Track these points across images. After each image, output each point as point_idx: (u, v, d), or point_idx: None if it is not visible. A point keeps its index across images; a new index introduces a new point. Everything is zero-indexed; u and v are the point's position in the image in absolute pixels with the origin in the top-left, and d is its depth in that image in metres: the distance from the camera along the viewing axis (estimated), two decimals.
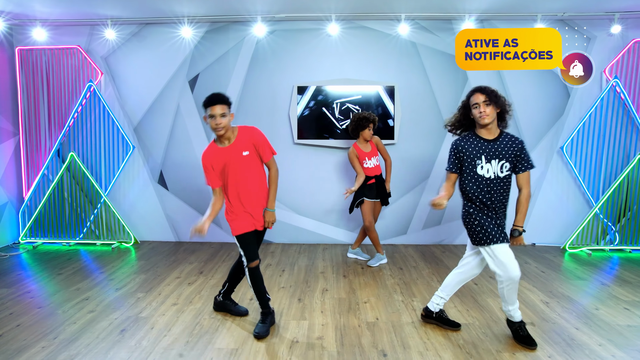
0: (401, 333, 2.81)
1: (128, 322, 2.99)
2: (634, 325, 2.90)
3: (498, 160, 2.55)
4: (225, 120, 2.67)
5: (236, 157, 2.73)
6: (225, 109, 2.68)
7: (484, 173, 2.56)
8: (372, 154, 4.27)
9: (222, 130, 2.68)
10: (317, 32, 5.01)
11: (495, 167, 2.55)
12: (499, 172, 2.55)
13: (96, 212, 5.21)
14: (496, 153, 2.55)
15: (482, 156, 2.56)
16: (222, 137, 2.74)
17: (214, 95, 2.68)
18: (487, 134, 2.59)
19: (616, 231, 4.93)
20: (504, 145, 2.56)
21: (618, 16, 4.65)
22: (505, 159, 2.55)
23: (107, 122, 5.22)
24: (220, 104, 2.66)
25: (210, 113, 2.65)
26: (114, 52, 5.17)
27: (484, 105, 2.51)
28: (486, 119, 2.52)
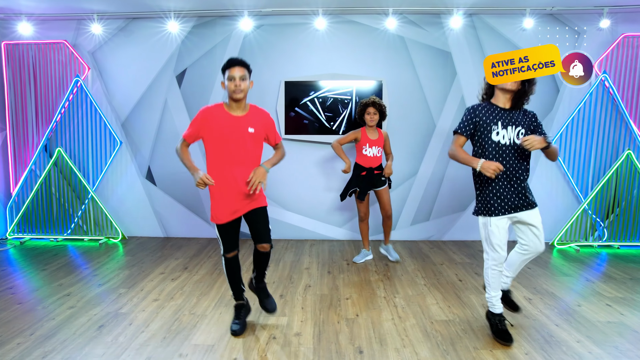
0: (380, 329, 2.80)
1: (107, 318, 2.98)
2: (614, 322, 2.89)
3: (514, 126, 2.55)
4: (245, 84, 2.52)
5: (240, 130, 2.57)
6: (245, 73, 2.54)
7: (499, 139, 2.54)
8: (376, 144, 4.13)
9: (241, 94, 2.51)
10: (304, 26, 4.97)
11: (511, 134, 2.54)
12: (515, 138, 2.54)
13: (84, 208, 5.19)
14: (512, 120, 2.55)
15: (499, 122, 2.54)
16: (238, 103, 2.57)
17: (233, 57, 2.57)
18: (504, 103, 2.59)
19: (605, 227, 4.91)
20: (519, 113, 2.59)
21: (607, 10, 4.61)
22: (522, 126, 2.55)
23: (95, 118, 5.18)
24: (241, 66, 2.53)
25: (230, 74, 2.50)
26: (101, 47, 5.13)
27: None
28: (513, 85, 2.51)
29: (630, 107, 4.87)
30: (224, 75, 2.55)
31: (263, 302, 2.86)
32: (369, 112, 4.08)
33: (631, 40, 4.80)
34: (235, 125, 2.57)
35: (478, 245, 4.95)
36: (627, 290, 3.51)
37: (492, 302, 2.67)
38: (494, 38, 4.92)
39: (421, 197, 5.13)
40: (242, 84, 2.51)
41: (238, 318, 2.80)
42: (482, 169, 2.45)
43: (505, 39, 4.91)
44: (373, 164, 4.15)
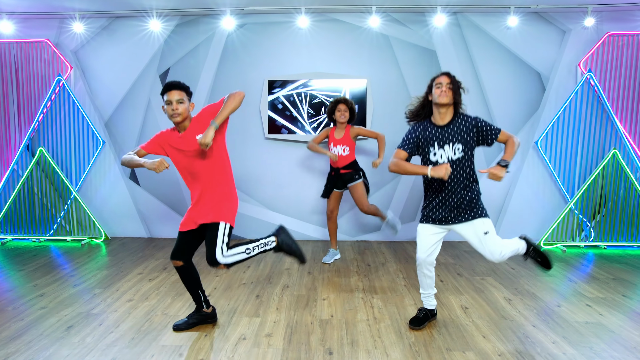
0: (353, 331, 2.75)
1: (78, 318, 2.92)
2: (592, 322, 2.84)
3: (452, 144, 2.59)
4: (183, 107, 2.50)
5: (189, 144, 2.56)
6: (183, 96, 2.51)
7: (437, 159, 2.61)
8: (341, 142, 4.08)
9: (179, 117, 2.50)
10: (287, 25, 4.93)
11: (448, 152, 2.60)
12: (452, 155, 2.59)
13: (66, 208, 5.14)
14: (449, 137, 2.59)
15: (435, 142, 2.61)
16: (179, 125, 2.58)
17: (170, 81, 2.55)
18: (441, 119, 2.62)
19: (591, 227, 4.87)
20: (456, 128, 2.60)
21: (591, 9, 4.58)
22: (459, 141, 2.59)
23: (77, 117, 5.13)
24: (177, 90, 2.51)
25: (167, 99, 2.50)
26: (83, 46, 5.09)
27: (446, 87, 2.57)
28: (445, 98, 2.55)
29: (615, 106, 4.84)
30: (163, 99, 2.54)
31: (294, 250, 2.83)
32: (340, 109, 4.06)
33: (616, 39, 4.77)
34: (184, 142, 2.58)
35: (463, 246, 4.91)
36: (608, 290, 3.46)
37: (421, 298, 2.84)
38: (479, 36, 4.89)
39: (407, 197, 5.09)
40: (179, 107, 2.50)
41: (188, 317, 2.80)
42: (432, 174, 2.47)
43: (490, 37, 4.88)
44: (340, 164, 4.09)
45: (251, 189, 5.15)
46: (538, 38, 4.85)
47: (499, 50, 4.88)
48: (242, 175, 5.14)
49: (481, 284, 3.62)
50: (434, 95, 2.60)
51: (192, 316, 2.82)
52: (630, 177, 4.68)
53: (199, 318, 2.82)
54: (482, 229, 2.59)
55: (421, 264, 2.71)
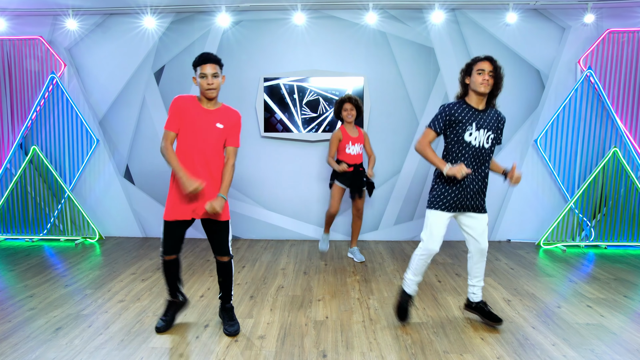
0: (348, 332, 2.68)
1: (67, 320, 2.86)
2: (593, 324, 2.78)
3: (486, 130, 2.56)
4: (217, 81, 2.45)
5: (209, 123, 2.50)
6: (218, 69, 2.45)
7: (471, 140, 2.55)
8: (357, 141, 4.04)
9: (214, 92, 2.45)
10: (283, 22, 4.87)
11: (482, 137, 2.55)
12: (485, 142, 2.56)
13: (60, 208, 5.07)
14: (485, 122, 2.56)
15: (474, 123, 2.55)
16: (211, 100, 2.49)
17: (205, 53, 2.46)
18: (477, 104, 2.58)
19: (592, 227, 4.80)
20: (492, 116, 2.60)
21: (591, 5, 4.51)
22: (492, 131, 2.58)
23: (71, 115, 5.07)
24: (213, 63, 2.44)
25: (202, 72, 2.42)
26: (77, 44, 5.02)
27: (488, 75, 2.51)
28: (485, 88, 2.51)
29: (615, 104, 4.78)
30: (196, 72, 2.47)
31: (225, 325, 2.70)
32: (346, 108, 3.98)
33: (616, 35, 4.71)
34: (205, 118, 2.51)
35: (462, 245, 4.84)
36: (609, 291, 3.40)
37: (407, 283, 2.76)
38: (478, 33, 4.82)
39: (404, 196, 5.02)
40: (214, 81, 2.45)
41: (165, 315, 2.74)
42: (448, 172, 2.48)
43: (488, 34, 4.82)
44: (357, 161, 4.05)
45: (247, 188, 5.09)
46: (537, 35, 4.78)
47: (498, 48, 4.81)
48: (238, 174, 5.07)
49: None
50: (473, 81, 2.53)
51: (167, 312, 2.75)
52: (631, 175, 4.62)
53: (175, 310, 2.78)
54: (486, 221, 2.68)
55: (431, 254, 2.63)
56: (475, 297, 2.78)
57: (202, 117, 2.50)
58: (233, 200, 5.11)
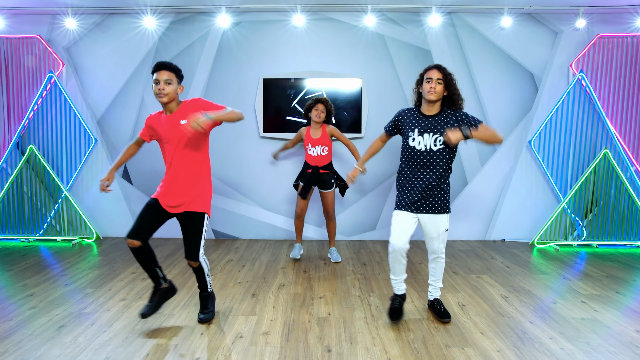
0: (351, 328, 2.73)
1: (69, 318, 2.86)
2: (588, 318, 2.86)
3: (432, 133, 2.63)
4: (170, 88, 2.52)
5: (173, 125, 2.58)
6: (172, 77, 2.54)
7: (415, 145, 2.67)
8: (319, 142, 4.06)
9: (165, 98, 2.52)
10: (282, 23, 4.92)
11: (427, 140, 2.63)
12: (432, 145, 2.64)
13: (57, 208, 5.04)
14: (430, 127, 2.64)
15: (416, 129, 2.67)
16: (166, 106, 2.58)
17: (161, 61, 2.59)
18: (428, 111, 2.67)
19: (584, 226, 4.91)
20: (441, 119, 2.64)
21: (583, 10, 4.64)
22: (440, 133, 2.62)
23: (69, 115, 5.06)
24: (167, 70, 2.53)
25: (155, 78, 2.53)
26: (76, 43, 5.02)
27: (435, 82, 2.57)
28: (432, 96, 2.59)
29: (606, 107, 4.90)
30: (153, 78, 2.58)
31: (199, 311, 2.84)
32: (318, 108, 4.05)
33: (606, 40, 4.84)
34: (169, 123, 2.61)
35: (459, 245, 4.92)
36: (602, 287, 3.49)
37: (392, 284, 2.87)
38: (473, 36, 4.92)
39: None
40: (166, 87, 2.52)
41: (150, 300, 2.77)
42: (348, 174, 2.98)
43: (484, 38, 4.92)
44: (319, 163, 4.10)
45: (245, 188, 5.12)
46: (531, 39, 4.90)
47: (493, 51, 4.92)
48: (236, 174, 5.10)
49: (477, 282, 3.62)
50: (423, 89, 2.64)
51: (153, 297, 2.77)
52: (621, 176, 4.74)
53: (160, 297, 2.79)
54: (444, 225, 2.71)
55: (395, 250, 2.70)
56: (431, 295, 2.92)
57: (167, 123, 2.61)
58: (231, 200, 5.14)
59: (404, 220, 2.69)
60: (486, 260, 4.30)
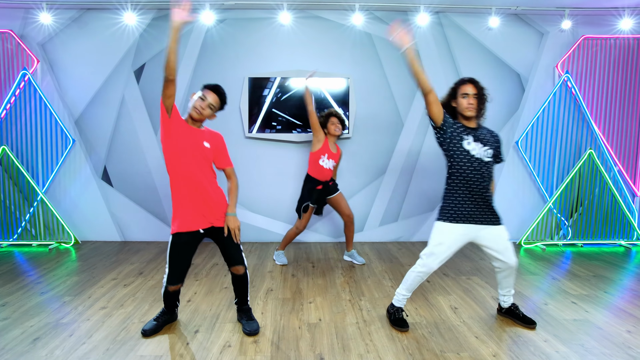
0: (343, 335, 2.65)
1: (45, 329, 2.70)
2: (580, 320, 2.85)
3: (483, 144, 2.56)
4: (208, 112, 2.53)
5: (197, 143, 2.53)
6: (217, 105, 2.56)
7: (470, 149, 2.53)
8: (333, 157, 4.02)
9: (198, 116, 2.51)
10: (268, 21, 4.81)
11: (480, 150, 2.54)
12: (485, 156, 2.55)
13: (32, 211, 4.82)
14: (482, 137, 2.56)
15: (470, 135, 2.55)
16: (195, 122, 2.56)
17: (217, 85, 2.58)
18: (468, 124, 2.61)
19: (569, 226, 4.95)
20: (486, 133, 2.61)
21: (568, 12, 4.67)
22: (490, 146, 2.58)
23: (45, 114, 4.84)
24: (218, 97, 2.55)
25: (205, 95, 2.51)
26: (51, 39, 4.81)
27: (472, 98, 2.51)
28: (471, 112, 2.52)
29: (591, 108, 4.96)
30: (202, 91, 2.54)
31: (244, 325, 2.72)
32: (333, 122, 3.99)
33: (591, 42, 4.89)
34: (192, 136, 2.54)
35: None
36: (591, 287, 3.50)
37: (399, 298, 2.76)
38: (461, 37, 4.90)
39: (389, 197, 5.04)
40: (207, 110, 2.51)
41: (157, 319, 2.70)
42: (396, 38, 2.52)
43: (471, 38, 4.91)
44: (327, 177, 4.02)
45: None
46: (517, 39, 4.91)
47: (480, 51, 4.91)
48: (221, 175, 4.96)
49: (467, 284, 3.59)
50: (459, 104, 2.55)
51: (159, 318, 2.72)
52: (605, 176, 4.79)
53: (166, 320, 2.75)
54: (506, 235, 2.62)
55: (428, 272, 2.60)
56: (506, 303, 2.83)
57: (188, 132, 2.52)
58: None
59: (454, 239, 2.54)
60: (475, 261, 4.28)
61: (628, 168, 5.03)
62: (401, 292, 2.74)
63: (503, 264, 2.64)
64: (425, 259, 2.59)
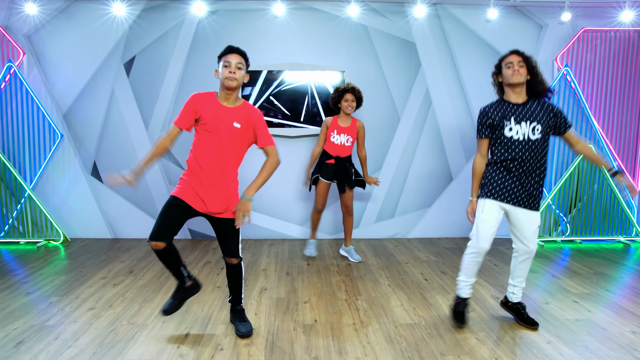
0: (339, 337, 2.56)
1: (29, 332, 2.59)
2: (582, 320, 2.78)
3: (529, 122, 2.47)
4: (240, 73, 2.34)
5: (226, 122, 2.37)
6: (243, 62, 2.38)
7: (512, 134, 2.48)
8: (346, 131, 3.84)
9: (234, 82, 2.32)
10: (262, 12, 4.68)
11: (525, 129, 2.46)
12: (530, 134, 2.46)
13: (20, 208, 4.69)
14: (527, 114, 2.48)
15: (512, 117, 2.48)
16: (230, 92, 2.37)
17: (232, 45, 2.42)
18: (516, 98, 2.50)
19: (567, 222, 4.89)
20: (534, 108, 2.50)
21: (568, 4, 4.58)
22: (537, 121, 2.47)
23: (32, 108, 4.70)
24: (239, 55, 2.37)
25: (226, 60, 2.34)
26: (38, 30, 4.65)
27: (517, 65, 2.45)
28: (517, 77, 2.43)
29: (590, 102, 4.88)
30: (219, 63, 2.39)
31: (236, 327, 2.60)
32: (347, 98, 3.82)
33: (591, 34, 4.80)
34: (222, 116, 2.38)
35: (444, 242, 4.83)
36: (591, 285, 3.44)
37: (460, 286, 2.67)
38: (459, 29, 4.80)
39: (385, 193, 4.95)
40: (237, 72, 2.34)
41: (173, 297, 2.59)
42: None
43: (469, 30, 4.80)
44: (341, 153, 3.87)
45: None
46: (516, 32, 4.81)
47: (478, 44, 4.81)
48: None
49: None
50: (505, 76, 2.50)
51: (176, 295, 2.59)
52: (604, 172, 4.72)
53: (184, 294, 2.60)
54: (537, 221, 2.56)
55: (480, 252, 2.53)
56: (515, 297, 2.73)
57: (220, 115, 2.38)
58: None
59: (494, 215, 2.50)
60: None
61: (627, 163, 4.97)
62: (461, 279, 2.66)
63: (523, 247, 2.57)
64: (474, 239, 2.55)
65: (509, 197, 2.50)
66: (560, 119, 2.52)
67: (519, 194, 2.50)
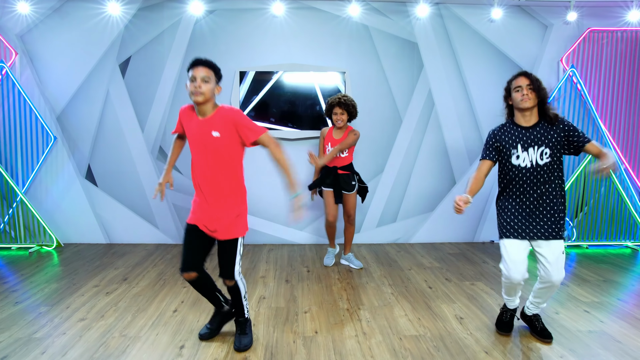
0: (341, 350, 2.44)
1: (15, 346, 2.47)
2: (595, 331, 2.66)
3: (537, 146, 2.40)
4: (207, 87, 2.21)
5: (204, 135, 2.26)
6: (210, 75, 2.24)
7: (519, 163, 2.43)
8: (338, 143, 3.75)
9: (200, 97, 2.19)
10: (260, 12, 4.57)
11: (533, 155, 2.40)
12: (539, 159, 2.38)
13: (11, 212, 4.56)
14: (535, 139, 2.40)
15: (519, 145, 2.43)
16: (200, 106, 2.25)
17: (199, 57, 2.29)
18: (526, 122, 2.44)
19: (573, 227, 4.78)
20: (543, 130, 2.40)
21: (573, 3, 4.47)
22: (545, 145, 2.38)
23: (24, 110, 4.58)
24: (205, 67, 2.24)
25: (192, 75, 2.23)
26: (30, 30, 4.53)
27: (526, 89, 2.38)
28: (527, 102, 2.37)
29: (597, 104, 4.77)
30: (188, 75, 2.26)
31: (235, 338, 2.51)
32: (336, 112, 3.73)
33: (596, 34, 4.70)
34: (200, 129, 2.28)
35: (447, 247, 4.71)
36: (602, 294, 3.32)
37: (505, 299, 2.67)
38: (462, 29, 4.69)
39: (387, 196, 4.84)
40: (203, 86, 2.21)
41: (211, 323, 2.60)
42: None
43: (472, 30, 4.69)
44: (337, 164, 3.80)
45: None
46: (521, 32, 4.71)
47: (482, 44, 4.71)
48: None
49: (472, 290, 3.40)
50: (514, 100, 2.43)
51: (213, 320, 2.58)
52: (611, 175, 4.61)
53: (222, 319, 2.59)
54: (560, 248, 2.42)
55: (515, 284, 2.45)
56: (529, 311, 2.66)
57: (197, 127, 2.29)
58: None
59: (517, 250, 2.42)
60: (478, 264, 4.09)
61: (635, 166, 4.86)
62: (504, 296, 2.63)
63: (545, 275, 2.42)
64: (504, 269, 2.46)
65: (523, 232, 2.42)
66: (574, 135, 2.39)
67: (532, 227, 2.42)
